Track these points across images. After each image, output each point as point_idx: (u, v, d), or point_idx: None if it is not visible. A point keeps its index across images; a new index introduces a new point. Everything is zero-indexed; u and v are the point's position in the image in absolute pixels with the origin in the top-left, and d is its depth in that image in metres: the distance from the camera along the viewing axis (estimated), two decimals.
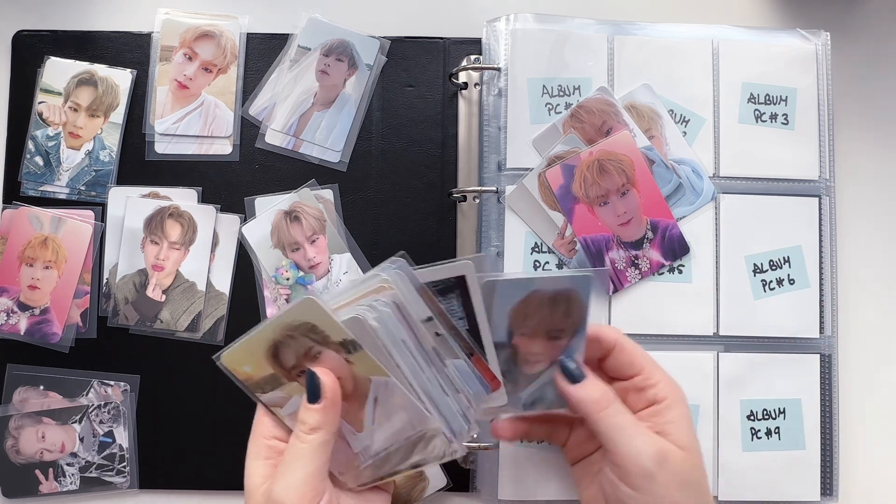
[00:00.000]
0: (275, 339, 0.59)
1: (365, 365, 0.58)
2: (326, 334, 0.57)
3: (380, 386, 0.58)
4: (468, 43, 0.84)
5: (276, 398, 0.61)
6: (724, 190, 0.80)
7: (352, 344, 0.57)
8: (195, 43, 0.83)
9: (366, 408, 0.60)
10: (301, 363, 0.59)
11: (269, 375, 0.60)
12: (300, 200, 0.82)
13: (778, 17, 0.87)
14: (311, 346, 0.58)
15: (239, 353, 0.60)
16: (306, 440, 0.58)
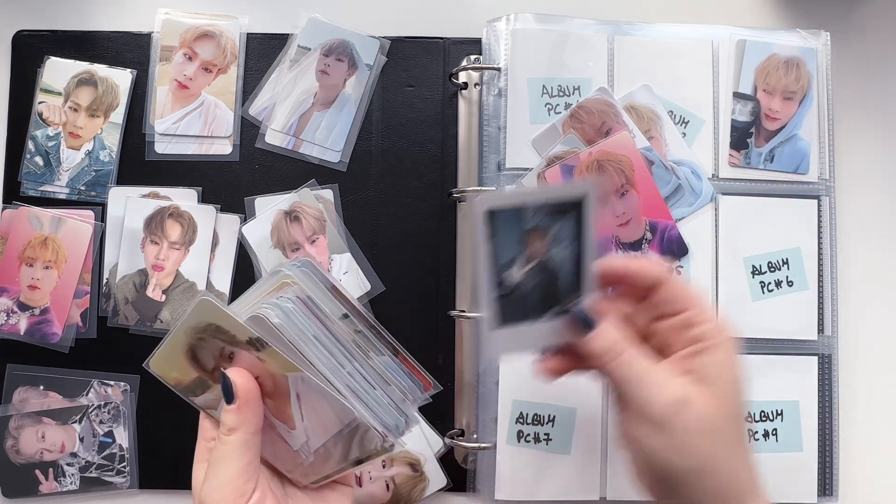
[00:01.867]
0: (189, 343, 0.59)
1: (277, 361, 0.57)
2: (233, 334, 0.57)
3: (297, 381, 0.58)
4: (468, 43, 0.84)
5: (209, 401, 0.61)
6: (723, 191, 0.80)
7: (258, 342, 0.57)
8: (195, 43, 0.83)
9: (291, 404, 0.59)
10: (219, 364, 0.59)
11: (196, 379, 0.60)
12: (300, 200, 0.82)
13: (778, 18, 0.87)
14: (223, 347, 0.58)
15: (163, 358, 0.60)
16: (226, 441, 0.58)
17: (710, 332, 0.59)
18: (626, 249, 0.78)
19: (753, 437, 0.78)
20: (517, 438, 0.78)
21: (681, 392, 0.57)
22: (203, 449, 0.61)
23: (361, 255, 0.82)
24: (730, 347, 0.60)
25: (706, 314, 0.60)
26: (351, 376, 0.60)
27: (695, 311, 0.60)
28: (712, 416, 0.57)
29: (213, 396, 0.61)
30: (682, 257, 0.79)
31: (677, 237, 0.79)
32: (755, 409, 0.79)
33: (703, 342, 0.59)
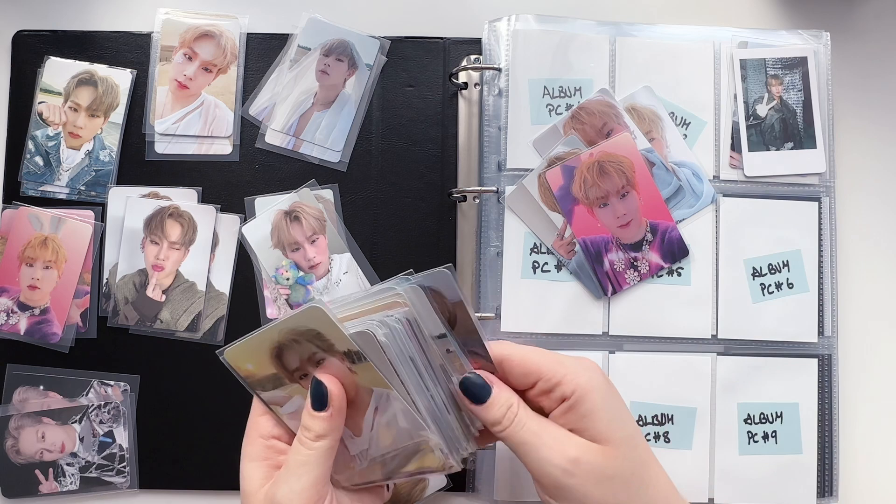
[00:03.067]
0: (279, 342, 0.58)
1: (368, 376, 0.57)
2: (331, 342, 0.57)
3: (381, 397, 0.58)
4: (468, 43, 0.84)
5: (277, 397, 0.61)
6: (724, 193, 0.80)
7: (357, 355, 0.57)
8: (195, 43, 0.83)
9: (366, 415, 0.60)
10: (304, 367, 0.59)
11: (271, 375, 0.60)
12: (300, 200, 0.82)
13: (778, 18, 0.87)
14: (316, 352, 0.58)
15: (242, 350, 0.60)
16: (312, 447, 0.57)
17: (570, 387, 0.60)
18: (627, 251, 0.78)
19: (753, 438, 0.79)
20: None
21: (573, 451, 0.58)
22: (260, 447, 0.61)
23: (361, 255, 0.82)
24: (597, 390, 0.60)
25: (558, 373, 0.61)
26: (433, 398, 0.61)
27: (545, 378, 0.61)
28: (602, 466, 0.58)
29: (284, 394, 0.61)
30: (682, 259, 0.79)
31: (678, 238, 0.79)
32: (755, 411, 0.79)
33: (568, 398, 0.60)
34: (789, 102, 0.81)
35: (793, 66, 0.82)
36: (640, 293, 0.79)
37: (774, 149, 0.81)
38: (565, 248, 0.79)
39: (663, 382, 0.79)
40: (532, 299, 0.79)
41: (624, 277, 0.79)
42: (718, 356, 0.79)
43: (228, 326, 0.81)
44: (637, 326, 0.79)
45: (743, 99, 0.81)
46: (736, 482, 0.78)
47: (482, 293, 0.80)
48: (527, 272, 0.79)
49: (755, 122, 0.81)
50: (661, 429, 0.78)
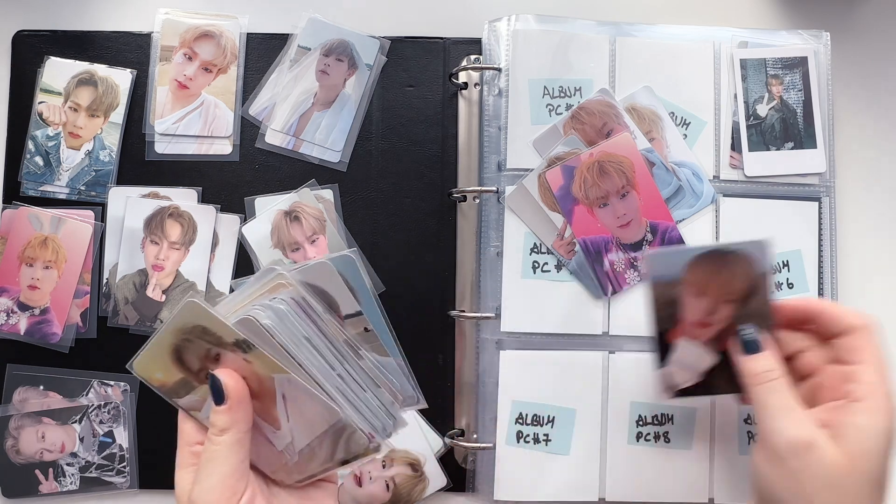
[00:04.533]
0: (174, 344, 0.59)
1: (263, 363, 0.58)
2: (219, 336, 0.57)
3: (283, 383, 0.58)
4: (468, 43, 0.84)
5: (193, 402, 0.61)
6: (724, 193, 0.80)
7: (245, 343, 0.57)
8: (195, 43, 0.83)
9: (277, 405, 0.60)
10: (205, 365, 0.59)
11: (181, 380, 0.60)
12: (300, 200, 0.82)
13: (778, 18, 0.87)
14: (209, 348, 0.58)
15: (147, 359, 0.60)
16: (218, 442, 0.58)
17: (867, 394, 0.59)
18: (627, 250, 0.78)
19: (753, 438, 0.79)
20: (517, 439, 0.78)
21: (809, 436, 0.58)
22: (186, 454, 0.60)
23: (362, 256, 0.82)
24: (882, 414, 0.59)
25: (872, 375, 0.60)
26: (341, 378, 0.61)
27: (863, 368, 0.60)
28: (837, 472, 0.57)
29: (198, 398, 0.60)
30: None
31: (678, 238, 0.79)
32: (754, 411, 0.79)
33: (856, 401, 0.59)
34: (789, 102, 0.81)
35: (793, 65, 0.82)
36: (640, 293, 0.79)
37: (774, 149, 0.81)
38: (565, 248, 0.79)
39: None
40: (532, 299, 0.79)
41: (624, 277, 0.79)
42: None
43: None
44: (637, 326, 0.79)
45: (743, 99, 0.81)
46: (736, 482, 0.78)
47: (482, 293, 0.80)
48: (527, 272, 0.79)
49: (755, 121, 0.81)
50: (660, 429, 0.78)
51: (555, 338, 0.79)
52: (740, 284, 0.66)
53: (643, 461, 0.78)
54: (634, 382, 0.79)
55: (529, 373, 0.79)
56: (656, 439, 0.78)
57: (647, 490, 0.78)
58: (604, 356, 0.79)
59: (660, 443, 0.78)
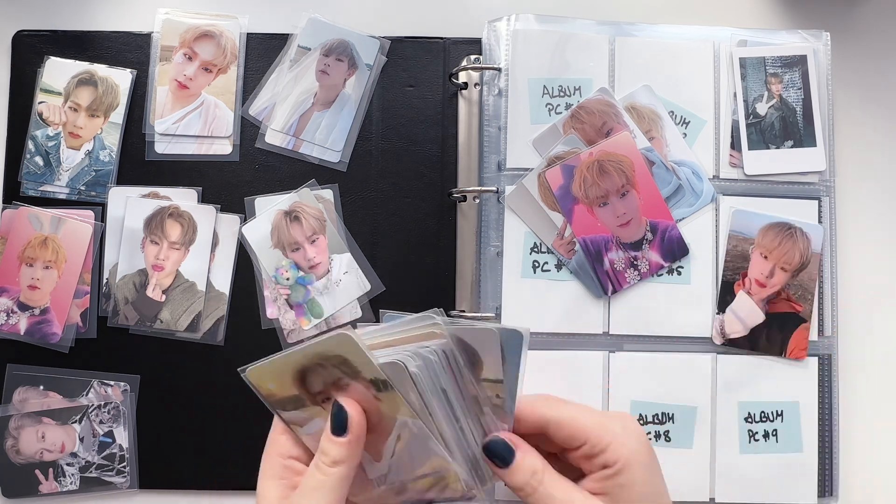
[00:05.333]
0: (304, 365, 0.57)
1: (393, 404, 0.57)
2: (358, 369, 0.56)
3: (405, 425, 0.57)
4: (468, 43, 0.84)
5: (298, 417, 0.60)
6: (724, 192, 0.80)
7: (383, 383, 0.56)
8: (195, 43, 0.83)
9: (387, 442, 0.59)
10: (328, 390, 0.58)
11: (293, 396, 0.59)
12: (300, 200, 0.82)
13: (778, 18, 0.87)
14: (341, 377, 0.57)
15: (266, 370, 0.58)
16: (328, 472, 0.56)
17: (614, 457, 0.59)
18: (627, 250, 0.78)
19: (753, 437, 0.79)
20: None
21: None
22: (278, 465, 0.59)
23: (361, 255, 0.82)
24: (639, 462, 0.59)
25: (604, 440, 0.59)
26: (461, 429, 0.60)
27: (591, 443, 0.59)
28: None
29: (304, 416, 0.59)
30: (682, 258, 0.79)
31: (678, 238, 0.79)
32: (755, 409, 0.79)
33: (610, 467, 0.59)
34: (789, 101, 0.81)
35: (792, 64, 0.82)
36: (640, 292, 0.79)
37: (774, 147, 0.81)
38: (565, 248, 0.79)
39: (664, 381, 0.79)
40: (532, 299, 0.79)
41: (624, 276, 0.79)
42: (719, 355, 0.79)
43: (228, 326, 0.81)
44: (637, 325, 0.79)
45: (743, 97, 0.81)
46: (737, 481, 0.78)
47: (482, 293, 0.80)
48: (527, 272, 0.79)
49: (755, 120, 0.81)
50: (661, 428, 0.78)
51: (555, 337, 0.79)
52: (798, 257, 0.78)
53: None
54: (635, 381, 0.79)
55: (529, 372, 0.78)
56: (657, 438, 0.78)
57: None
58: (604, 355, 0.79)
59: (661, 441, 0.78)
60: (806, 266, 0.80)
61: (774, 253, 0.80)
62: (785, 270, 0.79)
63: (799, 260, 0.79)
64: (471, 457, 0.61)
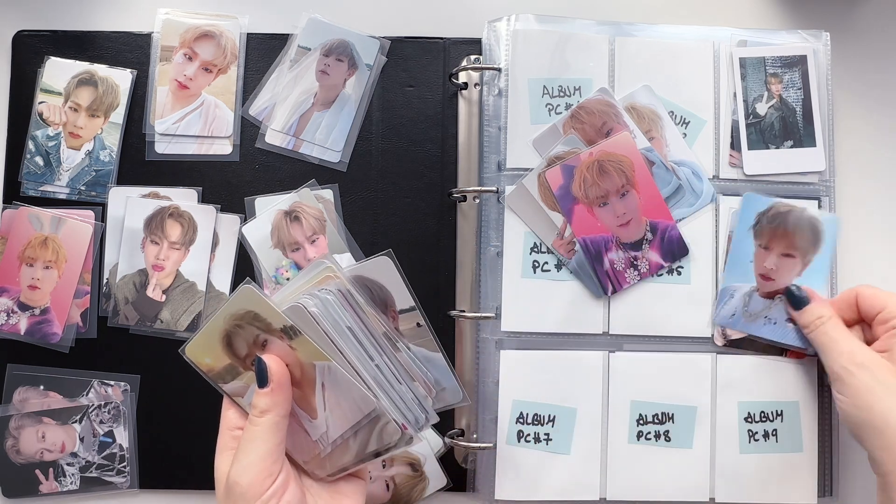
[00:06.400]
0: (226, 329, 0.62)
1: (307, 350, 0.60)
2: (269, 322, 0.60)
3: (324, 371, 0.61)
4: (468, 43, 0.84)
5: (237, 388, 0.63)
6: (724, 192, 0.80)
7: (292, 330, 0.60)
8: (195, 43, 0.83)
9: (315, 393, 0.62)
10: (252, 351, 0.62)
11: (228, 365, 0.63)
12: (300, 200, 0.82)
13: (778, 18, 0.87)
14: (258, 335, 0.61)
15: (199, 344, 0.63)
16: (258, 423, 0.60)
17: None
18: (627, 250, 0.78)
19: (753, 437, 0.79)
20: (517, 438, 0.78)
21: (861, 358, 0.70)
22: (227, 438, 0.63)
23: (361, 255, 0.82)
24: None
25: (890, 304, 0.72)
26: (378, 368, 0.63)
27: (889, 309, 0.72)
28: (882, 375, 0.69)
29: (242, 384, 0.63)
30: (682, 258, 0.79)
31: (678, 237, 0.79)
32: (755, 409, 0.79)
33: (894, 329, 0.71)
34: (789, 101, 0.81)
35: (792, 64, 0.82)
36: (640, 292, 0.79)
37: (774, 147, 0.81)
38: (565, 248, 0.79)
39: (664, 381, 0.79)
40: (532, 299, 0.79)
41: (624, 276, 0.79)
42: (718, 355, 0.79)
43: None
44: (637, 325, 0.79)
45: (742, 97, 0.81)
46: (737, 481, 0.78)
47: (482, 293, 0.80)
48: (527, 272, 0.79)
49: (755, 120, 0.81)
50: (661, 428, 0.78)
51: (555, 337, 0.79)
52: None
53: (644, 460, 0.78)
54: (635, 381, 0.79)
55: (530, 372, 0.79)
56: (657, 438, 0.78)
57: (648, 489, 0.78)
58: (604, 355, 0.79)
59: (660, 442, 0.78)
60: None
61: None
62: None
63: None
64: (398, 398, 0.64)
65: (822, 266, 0.79)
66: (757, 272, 0.79)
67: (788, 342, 0.78)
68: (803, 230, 0.79)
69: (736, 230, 0.79)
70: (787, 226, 0.79)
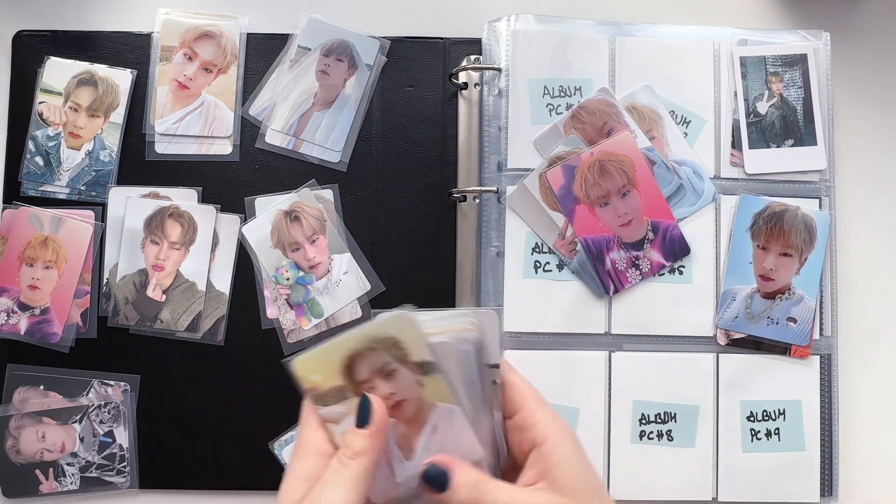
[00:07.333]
0: (355, 350, 0.57)
1: (436, 390, 0.57)
2: (408, 352, 0.56)
3: (444, 414, 0.57)
4: (468, 43, 0.84)
5: (335, 414, 0.59)
6: (725, 191, 0.80)
7: (429, 366, 0.56)
8: (195, 43, 0.83)
9: (421, 434, 0.58)
10: (373, 378, 0.57)
11: (336, 388, 0.58)
12: (300, 200, 0.82)
13: (778, 18, 0.87)
14: (389, 362, 0.57)
15: (313, 359, 0.58)
16: (348, 465, 0.55)
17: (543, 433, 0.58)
18: (629, 249, 0.78)
19: (756, 436, 0.79)
20: None
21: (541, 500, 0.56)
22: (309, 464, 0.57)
23: (361, 255, 0.82)
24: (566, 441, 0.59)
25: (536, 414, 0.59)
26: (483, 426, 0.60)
27: (524, 413, 0.59)
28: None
29: (343, 410, 0.58)
30: (683, 257, 0.79)
31: (679, 237, 0.79)
32: (757, 408, 0.79)
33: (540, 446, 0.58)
34: (789, 99, 0.81)
35: (793, 63, 0.82)
36: (641, 292, 0.79)
37: (775, 146, 0.81)
38: (567, 248, 0.79)
39: (666, 381, 0.79)
40: (534, 299, 0.79)
41: (626, 276, 0.79)
42: (720, 354, 0.79)
43: (228, 326, 0.81)
44: (639, 325, 0.79)
45: (743, 96, 0.81)
46: (739, 480, 0.78)
47: (483, 293, 0.80)
48: (528, 272, 0.79)
49: (755, 119, 0.81)
50: (664, 427, 0.78)
51: (557, 337, 0.79)
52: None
53: (647, 459, 0.78)
54: (637, 381, 0.79)
55: (531, 373, 0.78)
56: (659, 437, 0.78)
57: (651, 488, 0.78)
58: (606, 355, 0.79)
59: (663, 441, 0.78)
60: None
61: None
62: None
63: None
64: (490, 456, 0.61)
65: (816, 264, 0.79)
66: (757, 273, 0.79)
67: (791, 341, 0.78)
68: (798, 229, 0.79)
69: (733, 232, 0.79)
70: (783, 225, 0.79)
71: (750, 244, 0.79)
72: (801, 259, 0.79)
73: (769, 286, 0.79)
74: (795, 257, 0.79)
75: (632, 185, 0.79)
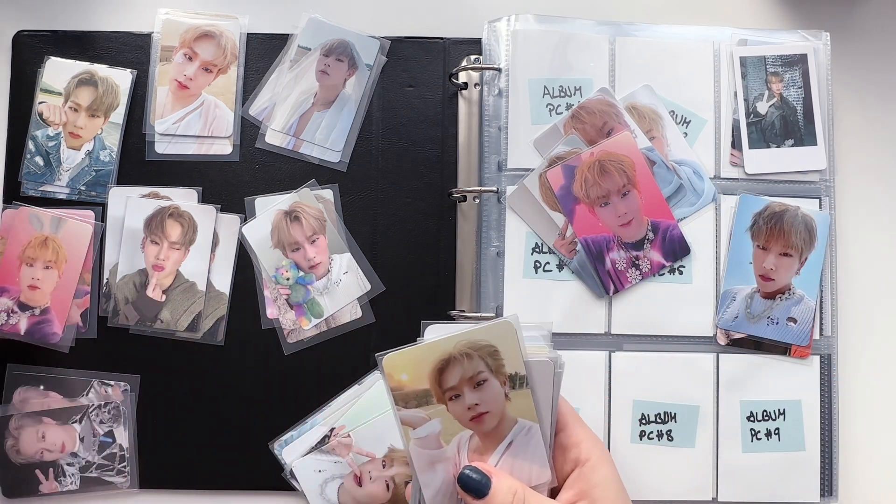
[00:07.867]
0: (451, 354, 0.57)
1: (522, 405, 0.57)
2: (503, 363, 0.57)
3: (523, 430, 0.58)
4: (468, 43, 0.84)
5: (415, 418, 0.59)
6: (725, 191, 0.80)
7: (521, 380, 0.56)
8: (195, 43, 0.83)
9: (497, 449, 0.59)
10: (461, 386, 0.58)
11: (422, 390, 0.58)
12: (300, 200, 0.82)
13: (778, 18, 0.87)
14: (481, 372, 0.57)
15: (405, 358, 0.58)
16: None
17: (587, 452, 0.60)
18: (629, 249, 0.78)
19: (756, 436, 0.79)
20: None
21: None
22: None
23: (361, 255, 0.82)
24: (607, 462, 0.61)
25: (579, 433, 0.61)
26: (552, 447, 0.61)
27: (567, 433, 0.61)
28: None
29: (424, 415, 0.59)
30: (684, 257, 0.79)
31: (679, 237, 0.79)
32: (757, 408, 0.79)
33: (582, 465, 0.60)
34: (789, 99, 0.81)
35: (793, 63, 0.82)
36: (641, 292, 0.79)
37: (775, 146, 0.81)
38: (567, 248, 0.79)
39: (666, 381, 0.79)
40: (534, 299, 0.79)
41: (626, 276, 0.79)
42: (720, 354, 0.79)
43: (228, 326, 0.81)
44: (639, 325, 0.79)
45: (743, 96, 0.81)
46: (739, 480, 0.78)
47: (482, 293, 0.80)
48: (528, 272, 0.79)
49: (756, 119, 0.81)
50: (664, 427, 0.78)
51: (556, 337, 0.79)
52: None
53: (646, 459, 0.78)
54: (637, 381, 0.79)
55: None
56: (659, 437, 0.78)
57: (651, 488, 0.78)
58: (606, 355, 0.79)
59: (663, 441, 0.78)
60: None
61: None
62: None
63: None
64: None
65: (816, 264, 0.79)
66: (757, 273, 0.79)
67: (791, 341, 0.78)
68: (798, 229, 0.79)
69: (733, 232, 0.79)
70: (783, 225, 0.79)
71: (750, 244, 0.79)
72: (801, 259, 0.79)
73: (769, 286, 0.79)
74: (795, 257, 0.79)
75: (632, 185, 0.79)
